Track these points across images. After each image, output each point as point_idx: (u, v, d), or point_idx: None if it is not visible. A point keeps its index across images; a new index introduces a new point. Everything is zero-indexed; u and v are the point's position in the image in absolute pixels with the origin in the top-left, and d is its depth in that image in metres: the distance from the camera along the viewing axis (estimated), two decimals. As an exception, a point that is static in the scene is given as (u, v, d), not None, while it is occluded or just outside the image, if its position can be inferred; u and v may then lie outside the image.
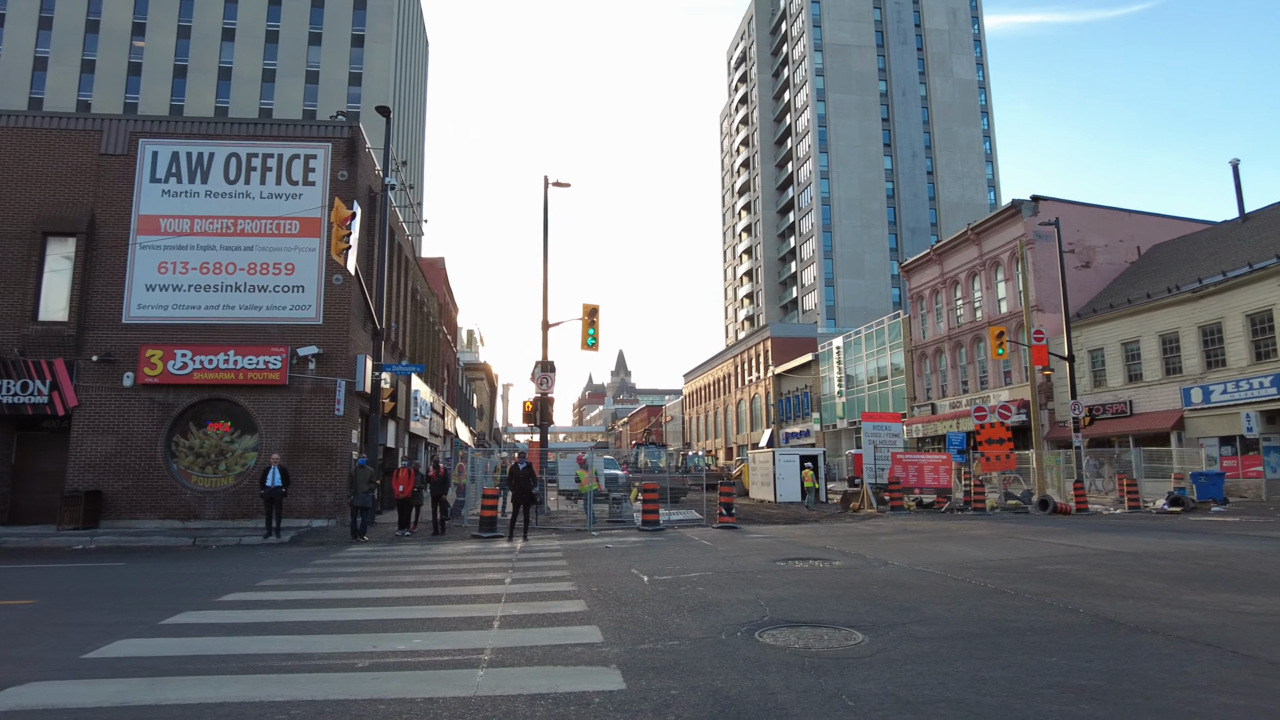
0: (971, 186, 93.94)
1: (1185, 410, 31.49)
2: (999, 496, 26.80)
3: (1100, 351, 36.51)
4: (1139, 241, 41.41)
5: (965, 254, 45.67)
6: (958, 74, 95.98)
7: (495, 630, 7.68)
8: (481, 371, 73.82)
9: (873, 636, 7.07)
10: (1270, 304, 28.41)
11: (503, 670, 6.17)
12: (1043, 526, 19.22)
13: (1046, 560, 12.29)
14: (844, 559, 12.88)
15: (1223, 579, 10.11)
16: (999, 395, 40.60)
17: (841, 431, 58.27)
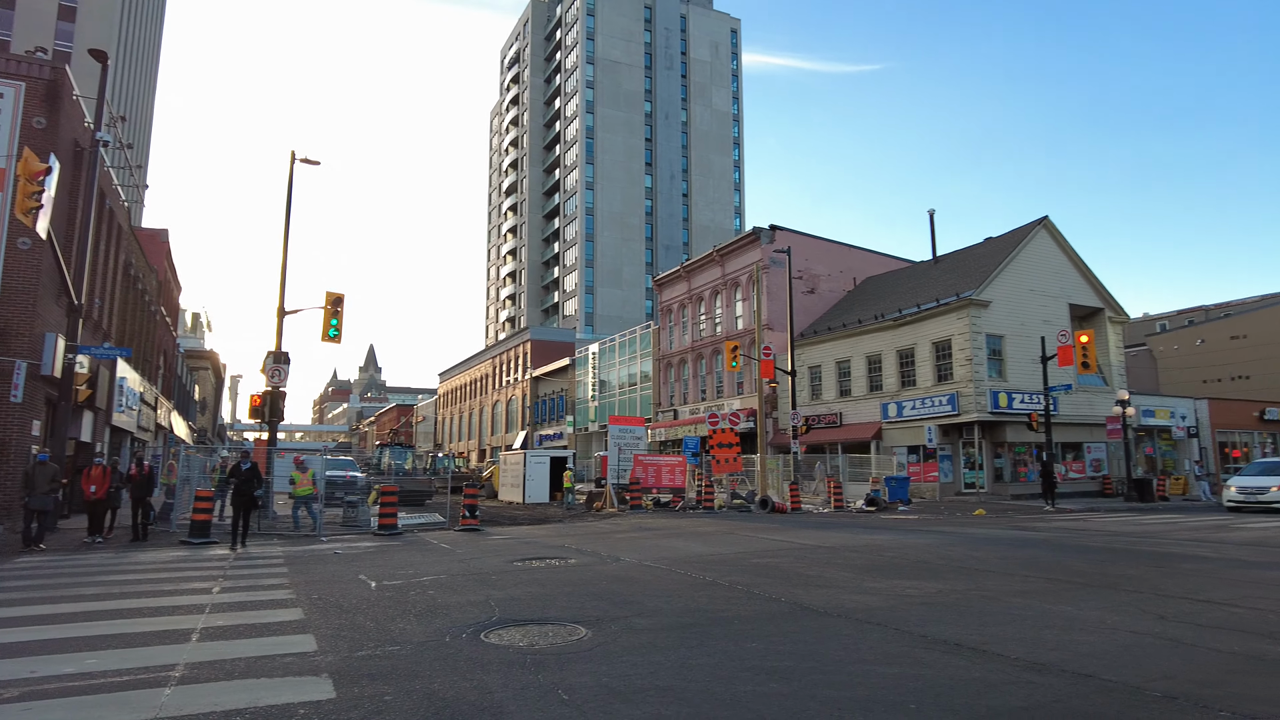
0: (721, 211, 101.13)
1: (883, 422, 36.16)
2: (727, 496, 28.98)
3: (819, 368, 40.86)
4: (856, 273, 46.93)
5: (711, 273, 49.01)
6: (716, 105, 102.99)
7: (193, 644, 6.93)
8: (207, 360, 66.53)
9: (596, 631, 7.32)
10: (950, 334, 33.49)
11: (196, 687, 5.59)
12: (761, 524, 21.05)
13: (760, 554, 13.48)
14: (580, 557, 13.22)
15: (897, 568, 11.71)
16: (732, 404, 43.95)
17: (593, 434, 59.87)
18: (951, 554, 13.44)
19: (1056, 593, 9.30)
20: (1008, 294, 34.11)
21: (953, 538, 16.60)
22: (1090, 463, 35.70)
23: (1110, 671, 5.78)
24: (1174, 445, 39.71)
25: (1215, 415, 41.46)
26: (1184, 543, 15.14)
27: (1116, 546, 14.48)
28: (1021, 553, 13.52)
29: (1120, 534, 17.20)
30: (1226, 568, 11.40)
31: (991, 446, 33.24)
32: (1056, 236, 36.76)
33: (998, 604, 8.62)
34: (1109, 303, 37.64)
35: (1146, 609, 8.22)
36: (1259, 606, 8.33)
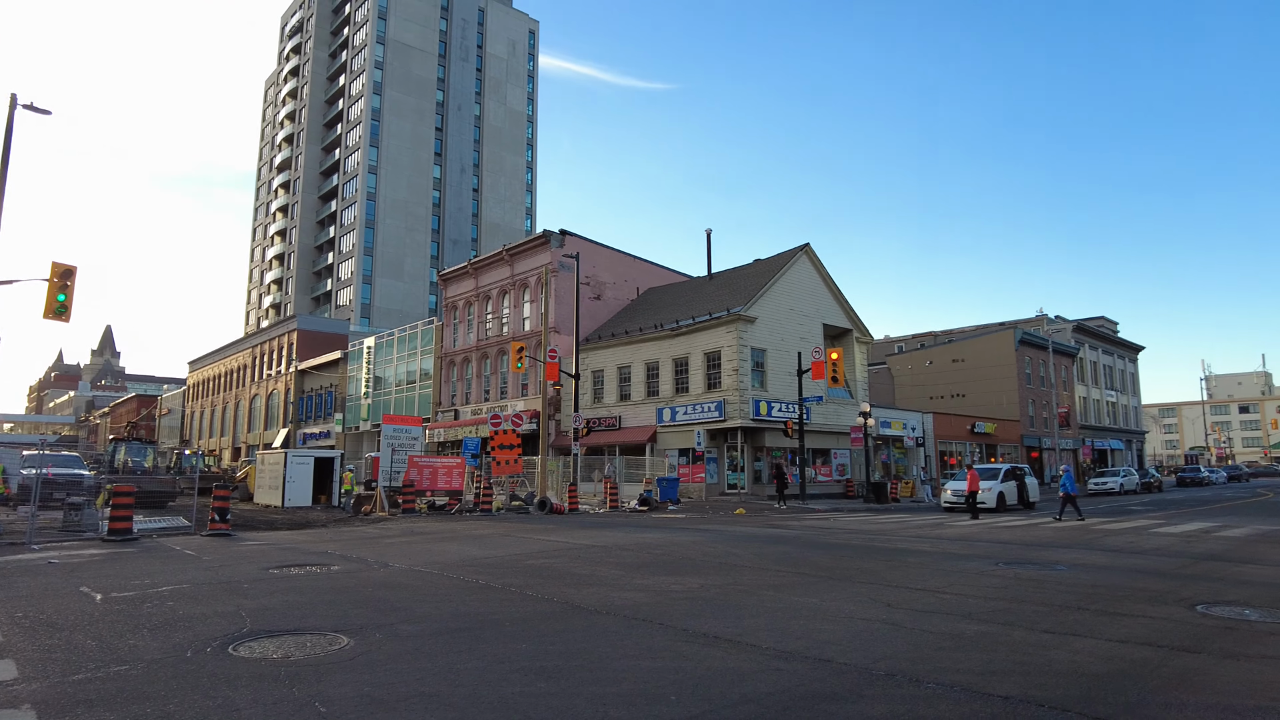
0: (512, 210, 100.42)
1: (659, 426, 37.72)
2: (506, 499, 28.80)
3: (602, 372, 41.83)
4: (639, 283, 48.59)
5: (499, 272, 48.52)
6: (511, 103, 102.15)
7: None
8: (-118, 334, 55.18)
9: (359, 639, 6.99)
10: (720, 346, 35.67)
11: None
12: (539, 525, 21.16)
13: (535, 555, 13.54)
14: (345, 563, 12.54)
15: (665, 564, 12.26)
16: (515, 405, 43.78)
17: (365, 434, 56.95)
18: (714, 551, 14.31)
19: (803, 585, 10.21)
20: (771, 312, 36.97)
21: (715, 535, 17.68)
22: (836, 467, 39.54)
23: (844, 655, 6.45)
24: (905, 453, 45.04)
25: (938, 427, 47.58)
26: (909, 539, 17.21)
27: (855, 543, 16.16)
28: (774, 549, 14.69)
29: (859, 532, 19.22)
30: (940, 560, 13.12)
31: (752, 451, 35.80)
32: (815, 262, 40.41)
33: (752, 597, 9.30)
34: (856, 325, 41.98)
35: (876, 598, 9.26)
36: (962, 592, 9.67)
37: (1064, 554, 13.99)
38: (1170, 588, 10.04)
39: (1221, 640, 7.05)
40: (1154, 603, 8.93)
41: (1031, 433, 56.16)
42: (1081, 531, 18.94)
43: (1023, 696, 5.28)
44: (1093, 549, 14.89)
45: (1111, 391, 71.26)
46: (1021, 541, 16.48)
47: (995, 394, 55.82)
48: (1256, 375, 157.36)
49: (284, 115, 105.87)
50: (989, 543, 16.20)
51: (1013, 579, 10.86)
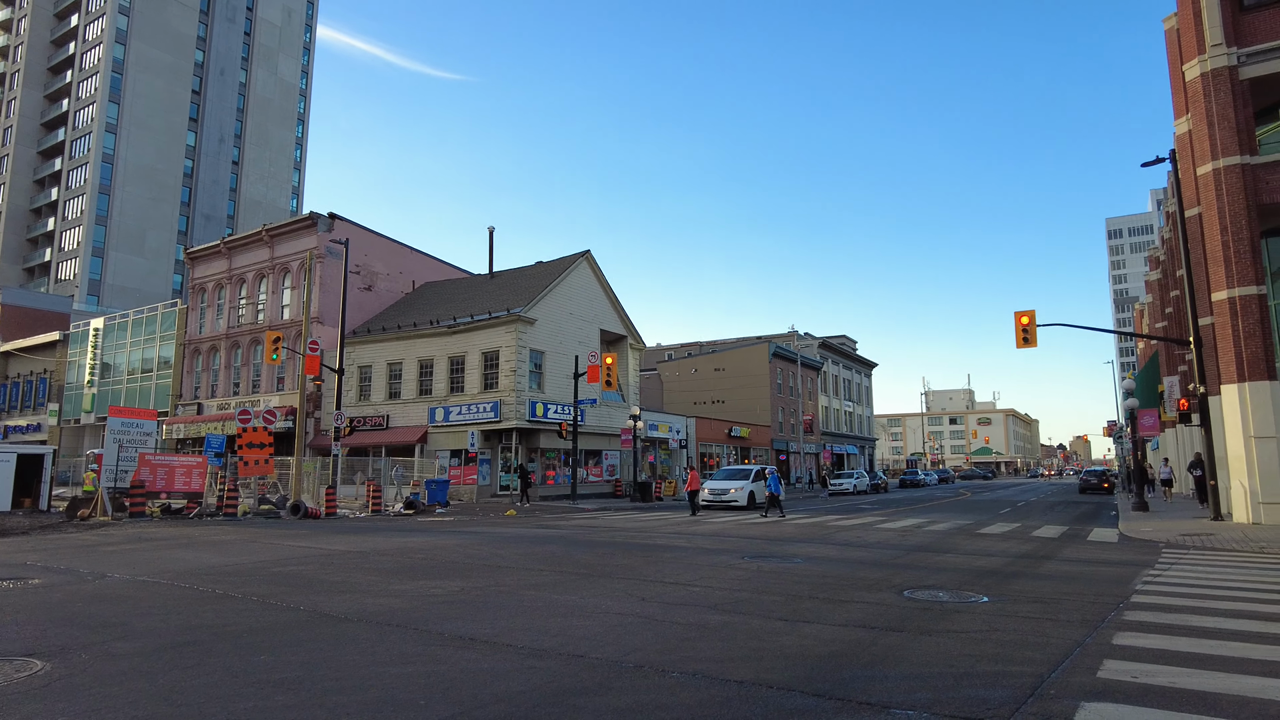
0: (277, 188, 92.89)
1: (430, 426, 36.61)
2: (254, 502, 26.54)
3: (370, 368, 39.83)
4: (415, 276, 46.91)
5: (258, 254, 44.67)
6: (283, 74, 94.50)
7: None
8: None
9: (59, 662, 6.12)
10: (499, 346, 35.37)
11: None
12: (291, 530, 19.72)
13: (284, 562, 12.61)
14: (48, 576, 10.92)
15: (426, 569, 11.93)
16: (270, 400, 40.52)
17: (87, 428, 49.97)
18: (479, 553, 14.15)
19: (564, 584, 10.39)
20: (551, 314, 37.30)
21: (483, 537, 17.49)
22: (606, 468, 40.64)
23: (597, 650, 6.65)
24: (670, 454, 47.26)
25: (700, 431, 50.44)
26: (668, 535, 18.08)
27: (618, 541, 16.70)
28: (541, 549, 14.81)
29: (623, 530, 19.88)
30: (694, 555, 13.92)
31: (527, 452, 35.85)
32: (595, 269, 41.34)
33: (513, 598, 9.31)
34: (631, 332, 43.46)
35: (632, 593, 9.63)
36: (710, 585, 10.33)
37: (802, 548, 15.40)
38: (885, 576, 11.39)
39: (919, 619, 8.11)
40: (871, 589, 10.09)
41: (781, 437, 61.23)
42: (817, 527, 20.95)
43: (755, 680, 5.75)
44: (827, 543, 16.52)
45: (849, 402, 79.55)
46: (766, 537, 17.90)
47: (751, 401, 60.25)
48: (963, 392, 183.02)
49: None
50: (738, 538, 17.44)
51: (756, 571, 11.78)
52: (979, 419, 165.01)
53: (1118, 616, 8.16)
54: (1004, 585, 10.50)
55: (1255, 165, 20.60)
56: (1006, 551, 14.92)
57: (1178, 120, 25.19)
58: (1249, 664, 6.13)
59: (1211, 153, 20.91)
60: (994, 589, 10.16)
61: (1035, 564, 12.99)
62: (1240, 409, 20.00)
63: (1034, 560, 13.51)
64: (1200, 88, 21.28)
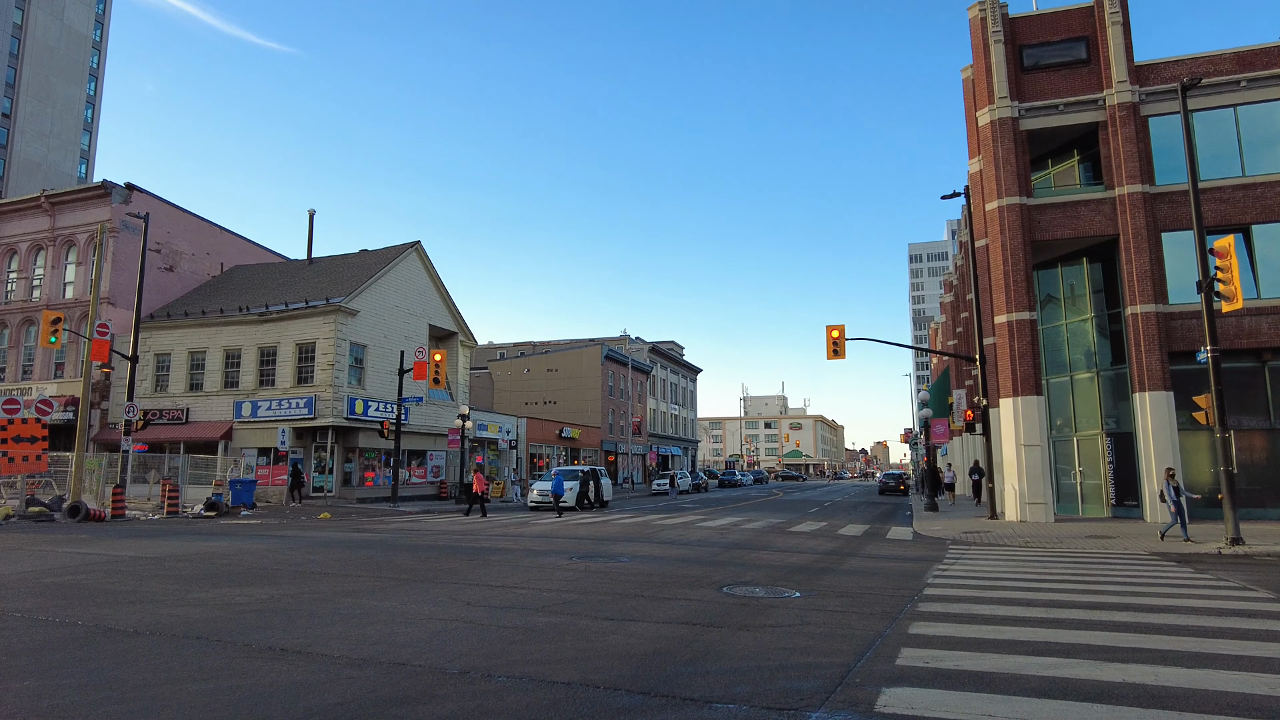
0: (61, 149, 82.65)
1: (236, 422, 33.88)
2: (20, 504, 23.45)
3: (168, 356, 36.30)
4: (224, 258, 43.30)
5: (35, 222, 39.51)
6: (70, 20, 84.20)
7: None
8: None
9: None
10: (316, 337, 33.34)
11: None
12: (68, 535, 17.61)
13: (59, 572, 11.22)
14: None
15: (230, 575, 11.03)
16: (46, 389, 35.97)
17: None
18: (290, 558, 13.27)
19: (385, 590, 9.96)
20: (375, 306, 35.68)
21: (294, 542, 16.43)
22: (431, 469, 39.40)
23: (420, 658, 6.42)
24: (499, 455, 46.59)
25: (531, 431, 50.11)
26: (495, 538, 17.81)
27: (442, 544, 16.24)
28: (358, 554, 14.11)
29: (447, 533, 19.35)
30: (522, 557, 13.79)
31: (344, 451, 34.04)
32: (425, 261, 40.01)
33: (328, 605, 8.81)
34: (462, 328, 42.44)
35: (457, 598, 9.39)
36: (538, 586, 10.28)
37: (628, 546, 15.67)
38: (705, 573, 11.82)
39: (738, 615, 8.49)
40: (693, 587, 10.44)
41: (610, 438, 62.07)
42: (643, 526, 21.41)
43: (583, 681, 5.77)
44: (651, 541, 16.92)
45: (676, 405, 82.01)
46: (594, 536, 18.07)
47: (583, 403, 60.65)
48: (777, 398, 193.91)
49: None
50: (566, 538, 17.48)
51: (584, 571, 11.85)
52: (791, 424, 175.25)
53: (913, 608, 8.94)
54: (814, 580, 11.21)
55: (1031, 206, 23.36)
56: (816, 549, 15.94)
57: (971, 159, 28.06)
58: (1019, 645, 6.92)
59: (998, 192, 23.48)
60: (805, 584, 10.81)
61: (841, 560, 13.97)
62: (1014, 420, 22.57)
63: (840, 557, 14.52)
64: (990, 134, 23.84)
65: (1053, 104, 23.30)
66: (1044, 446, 22.45)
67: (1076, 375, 24.57)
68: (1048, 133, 24.11)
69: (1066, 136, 24.52)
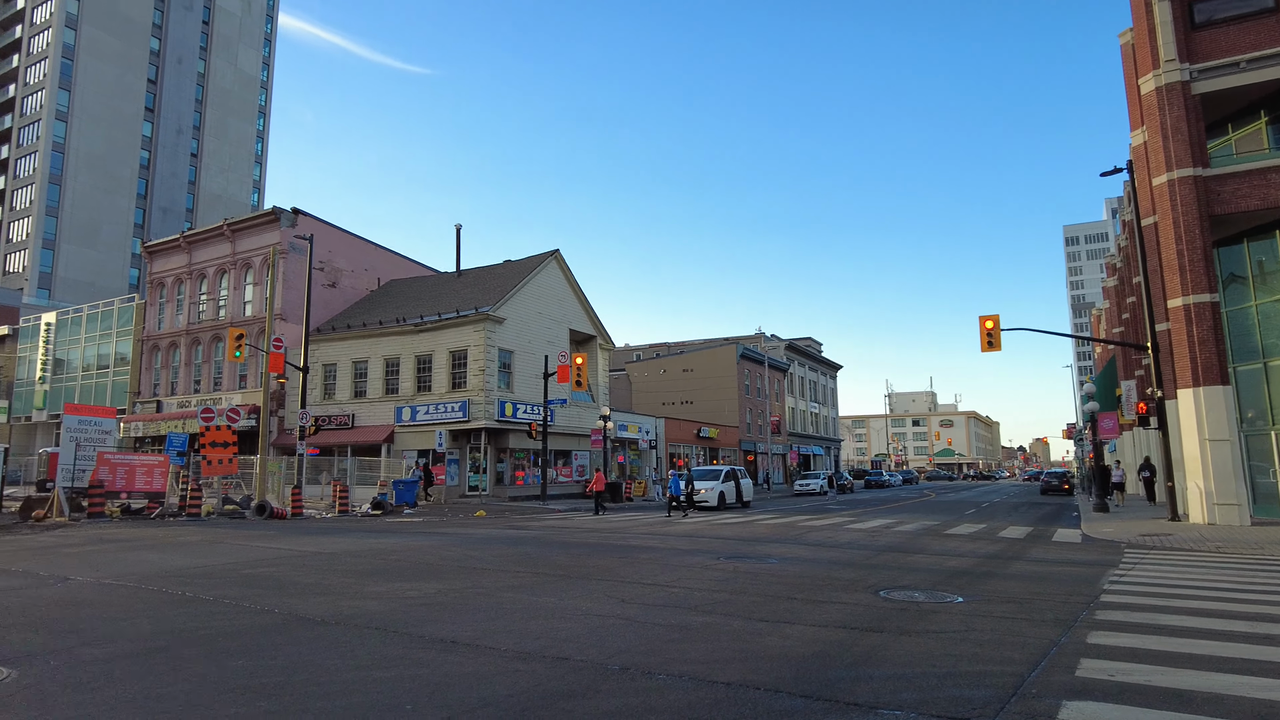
0: (237, 182, 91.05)
1: (397, 426, 36.16)
2: (217, 502, 26.01)
3: (334, 366, 39.23)
4: (380, 274, 46.31)
5: (219, 249, 43.76)
6: (242, 65, 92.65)
7: None
8: None
9: (25, 669, 5.92)
10: (467, 345, 35.06)
11: None
12: (258, 531, 19.35)
13: (254, 564, 12.36)
14: (6, 579, 10.58)
15: (400, 570, 11.78)
16: (232, 398, 39.72)
17: (39, 425, 48.56)
18: (452, 554, 14.00)
19: (542, 586, 10.33)
20: (520, 314, 37.07)
21: (455, 539, 17.32)
22: (576, 468, 40.50)
23: (582, 653, 6.61)
24: (639, 455, 47.28)
25: (669, 431, 50.53)
26: (641, 536, 18.08)
27: (592, 541, 16.65)
28: (515, 550, 14.70)
29: (596, 530, 19.83)
30: (670, 556, 13.93)
31: (496, 452, 35.58)
32: (564, 268, 41.19)
33: (491, 600, 9.23)
34: (600, 332, 43.38)
35: (612, 594, 9.60)
36: (688, 585, 10.34)
37: (775, 548, 15.50)
38: (860, 576, 11.51)
39: (898, 619, 8.20)
40: (847, 590, 10.18)
41: (749, 438, 61.61)
42: (788, 527, 21.11)
43: (743, 682, 5.76)
44: (799, 543, 16.65)
45: (815, 404, 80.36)
46: (739, 537, 17.99)
47: (719, 402, 60.53)
48: (925, 394, 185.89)
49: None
50: (711, 538, 17.49)
51: (733, 572, 11.82)
52: (941, 421, 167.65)
53: (1089, 616, 8.33)
54: (977, 585, 10.67)
55: (1207, 177, 21.20)
56: (975, 552, 15.17)
57: (1134, 131, 25.83)
58: (1219, 662, 6.30)
59: (1166, 164, 21.47)
60: (968, 589, 10.31)
61: (1005, 564, 13.23)
62: (1196, 413, 20.57)
63: (1003, 560, 13.75)
64: (1155, 101, 21.84)
65: (1232, 62, 21.05)
66: (1234, 441, 20.32)
67: (1271, 362, 22.07)
68: (1226, 95, 21.79)
69: (1249, 97, 22.07)
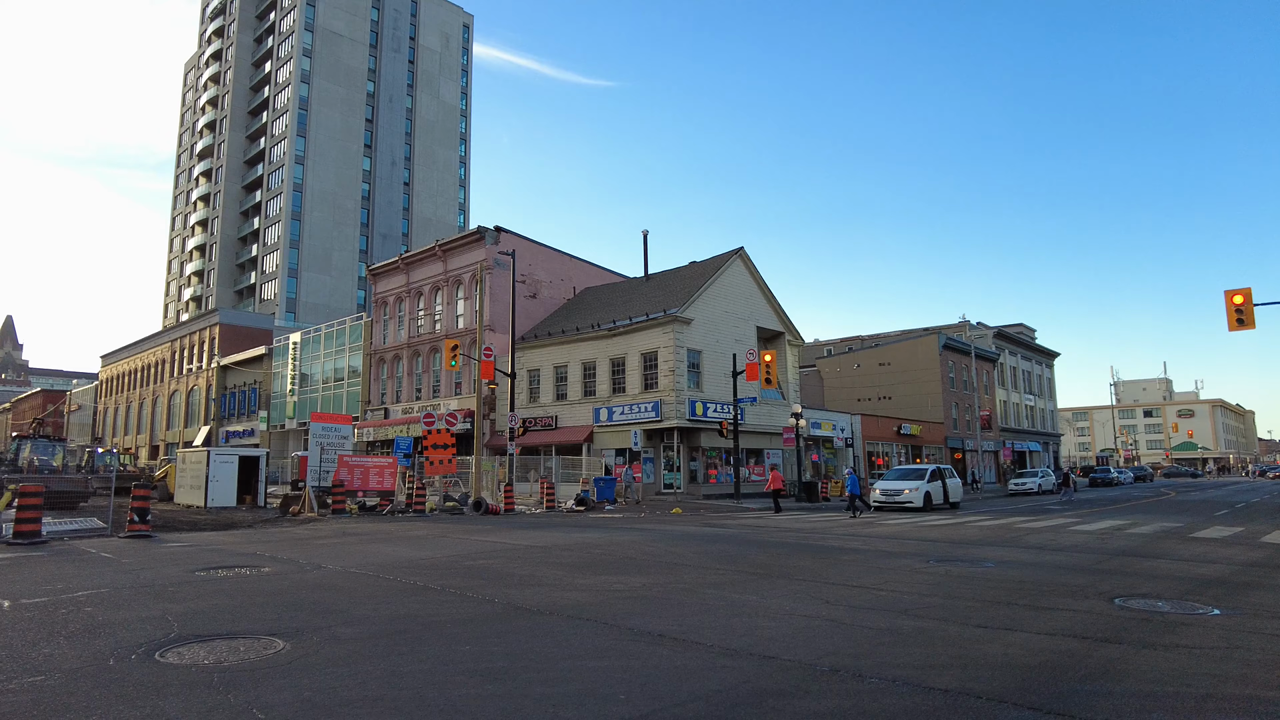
0: (444, 205, 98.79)
1: (595, 426, 37.65)
2: (439, 499, 28.33)
3: (538, 371, 41.52)
4: (576, 282, 48.42)
5: (431, 268, 47.69)
6: (444, 97, 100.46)
7: None
8: None
9: (295, 643, 6.76)
10: (657, 347, 35.83)
11: None
12: (475, 526, 20.86)
13: (474, 556, 13.35)
14: (275, 565, 12.12)
15: (605, 564, 12.24)
16: (449, 404, 43.10)
17: (290, 432, 55.27)
18: (653, 550, 14.35)
19: (743, 584, 10.33)
20: (707, 314, 37.33)
21: (654, 535, 17.75)
22: (769, 467, 40.14)
23: (789, 652, 6.54)
24: (835, 453, 46.04)
25: (866, 429, 48.78)
26: (842, 537, 17.59)
27: (790, 541, 16.44)
28: (712, 548, 14.82)
29: (792, 530, 19.55)
30: (873, 558, 13.45)
31: (688, 450, 36.07)
32: (749, 265, 40.97)
33: (694, 596, 9.36)
34: (789, 328, 42.72)
35: (815, 595, 9.42)
36: (896, 589, 9.93)
37: (990, 551, 14.51)
38: (1089, 582, 10.50)
39: (1139, 631, 7.40)
40: (1076, 596, 9.33)
41: (955, 434, 58.11)
42: (1005, 530, 19.68)
43: (962, 689, 5.44)
44: (1016, 546, 15.48)
45: (1030, 395, 74.33)
46: (948, 539, 17.02)
47: (920, 397, 57.57)
48: (1159, 381, 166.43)
49: (205, 101, 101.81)
50: (918, 541, 16.68)
51: (944, 575, 11.20)
52: (1179, 411, 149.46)
53: (1391, 635, 7.09)
54: (1236, 597, 9.40)
55: None
56: (1232, 559, 13.37)
57: None
58: None
59: None
60: (1224, 600, 9.11)
61: (1271, 573, 11.55)
62: None
63: (1269, 569, 12.02)
64: None
65: None
66: None
67: None
68: None
69: None
